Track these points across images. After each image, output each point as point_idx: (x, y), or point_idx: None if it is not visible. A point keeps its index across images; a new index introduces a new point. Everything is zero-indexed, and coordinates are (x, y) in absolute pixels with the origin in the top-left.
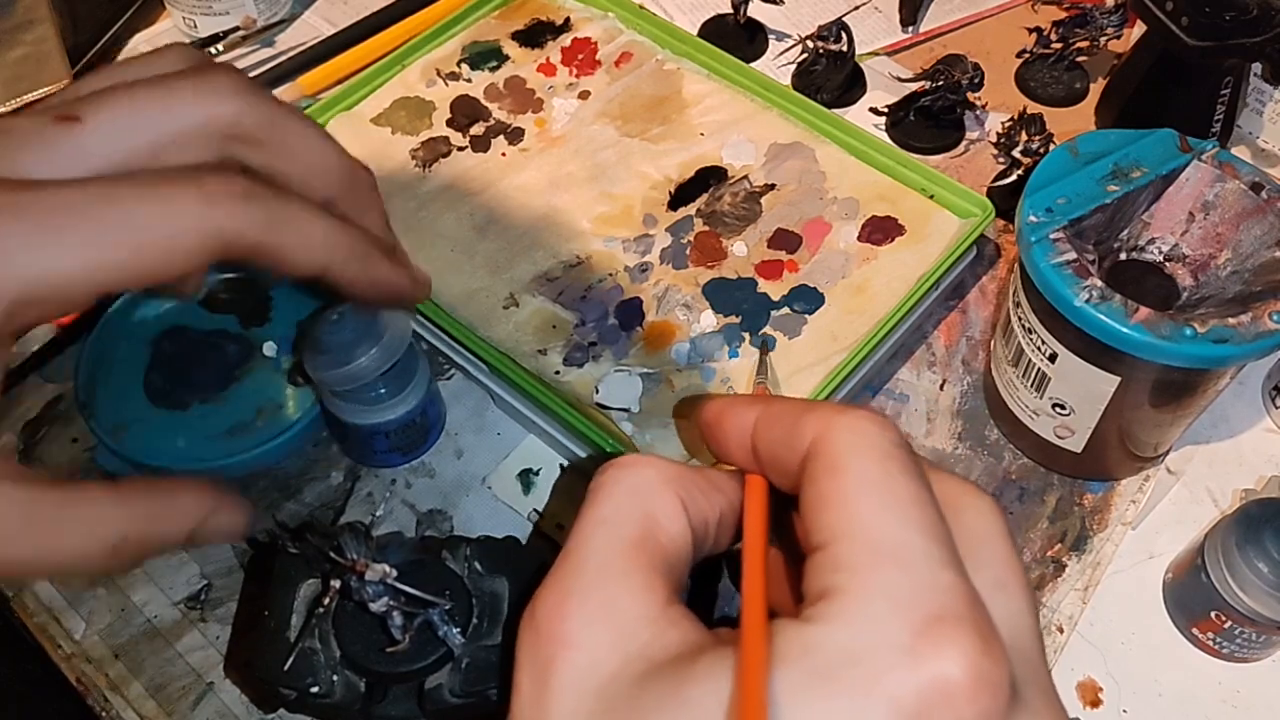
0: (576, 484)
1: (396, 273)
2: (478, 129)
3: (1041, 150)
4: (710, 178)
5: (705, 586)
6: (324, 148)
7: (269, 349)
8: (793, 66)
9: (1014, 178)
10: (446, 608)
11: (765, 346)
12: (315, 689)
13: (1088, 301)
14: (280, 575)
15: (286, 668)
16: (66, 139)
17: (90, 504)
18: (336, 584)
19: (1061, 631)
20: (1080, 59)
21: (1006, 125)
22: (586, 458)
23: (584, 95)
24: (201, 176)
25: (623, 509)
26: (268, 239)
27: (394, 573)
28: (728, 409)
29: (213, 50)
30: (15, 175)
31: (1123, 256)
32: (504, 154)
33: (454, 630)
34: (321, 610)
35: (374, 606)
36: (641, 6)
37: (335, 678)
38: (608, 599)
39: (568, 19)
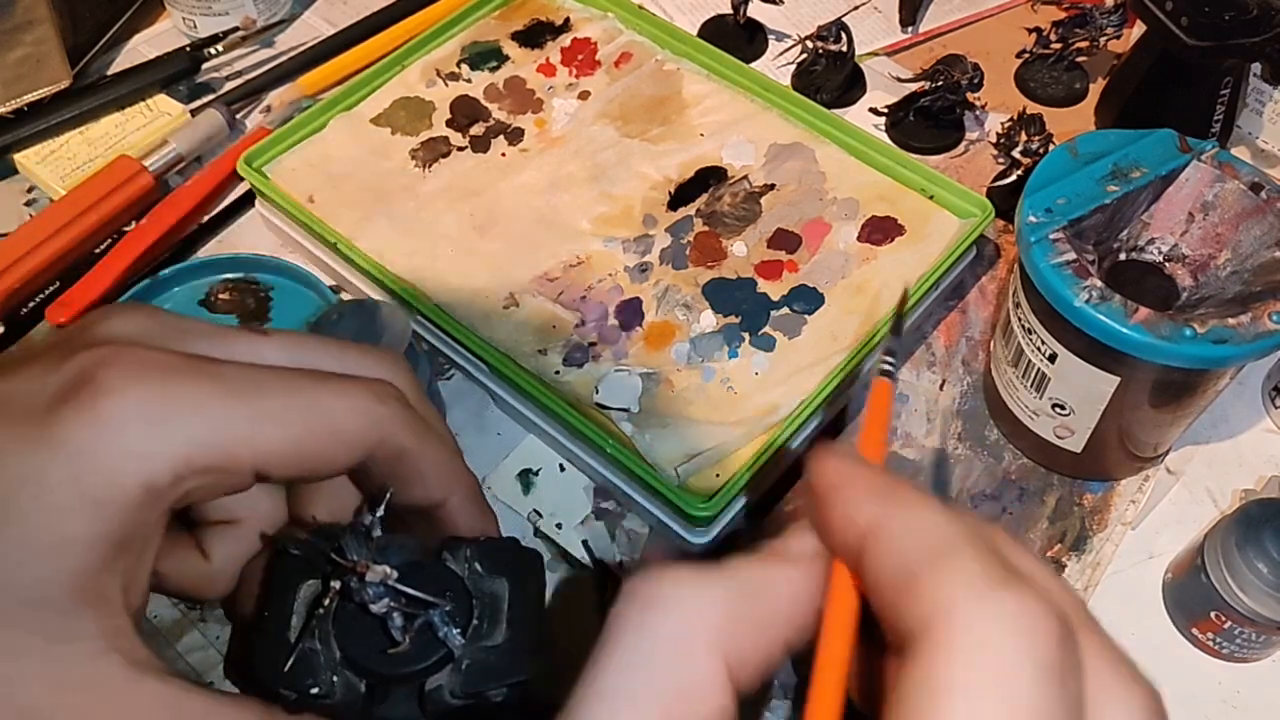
0: (576, 481)
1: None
2: (478, 129)
3: (1041, 150)
4: (710, 178)
5: None
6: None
7: None
8: (792, 67)
9: (1014, 178)
10: (447, 609)
11: (899, 316)
12: (315, 690)
13: (1087, 302)
14: (280, 575)
15: (286, 669)
16: (246, 342)
17: (241, 713)
18: (337, 585)
19: None
20: (1080, 59)
21: (1006, 125)
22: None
23: (584, 95)
24: (369, 379)
25: (642, 681)
26: (414, 448)
27: (395, 574)
28: (841, 489)
29: (212, 50)
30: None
31: (1122, 257)
32: (504, 154)
33: (454, 631)
34: (321, 611)
35: (375, 608)
36: (641, 7)
37: (335, 679)
38: None
39: (567, 19)
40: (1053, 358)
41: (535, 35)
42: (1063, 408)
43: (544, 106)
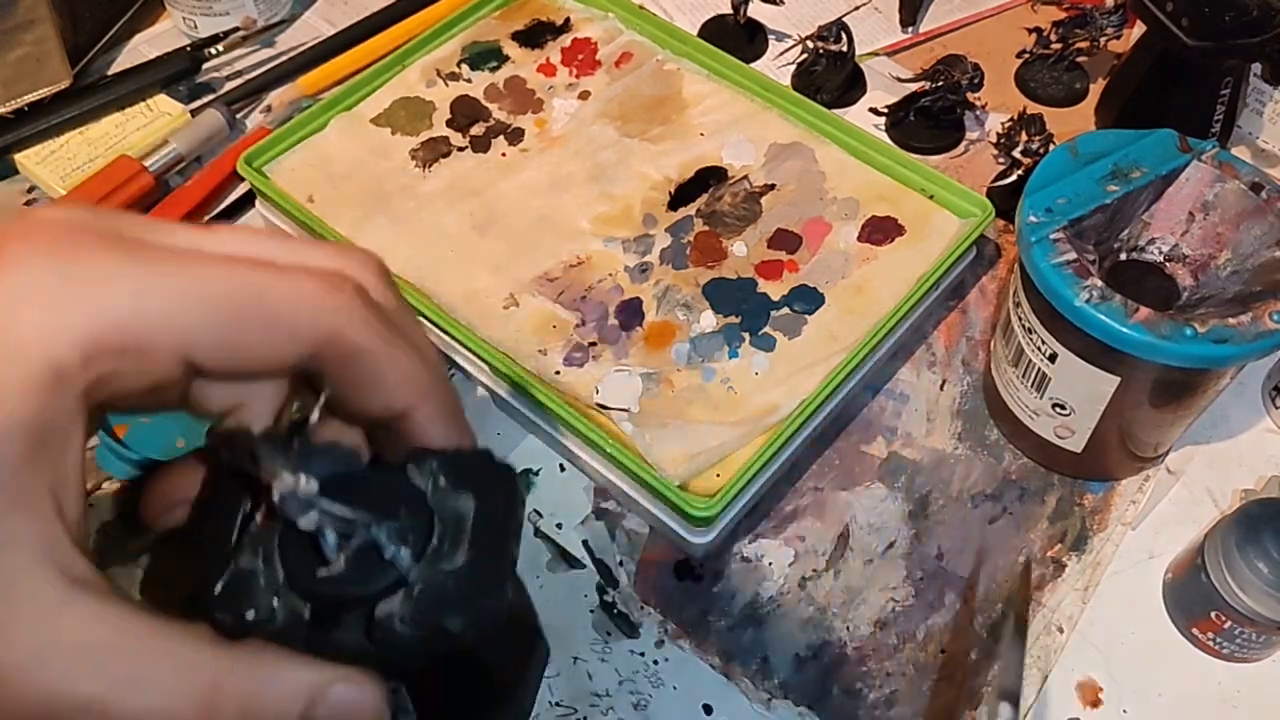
0: (576, 481)
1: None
2: (478, 129)
3: (1041, 150)
4: (710, 178)
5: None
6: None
7: None
8: (792, 67)
9: (1014, 178)
10: (395, 525)
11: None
12: (251, 615)
13: (1088, 301)
14: (217, 489)
15: (218, 591)
16: (187, 231)
17: (188, 640)
18: (269, 498)
19: (1061, 632)
20: (1080, 59)
21: (1006, 125)
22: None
23: (584, 95)
24: (326, 269)
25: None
26: (372, 349)
27: (314, 486)
28: None
29: (213, 50)
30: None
31: (1123, 257)
32: (504, 154)
33: (403, 551)
34: (255, 528)
35: (302, 523)
36: (641, 7)
37: (277, 602)
38: None
39: (568, 19)
40: (1053, 357)
41: (535, 35)
42: (1063, 408)
43: (544, 106)
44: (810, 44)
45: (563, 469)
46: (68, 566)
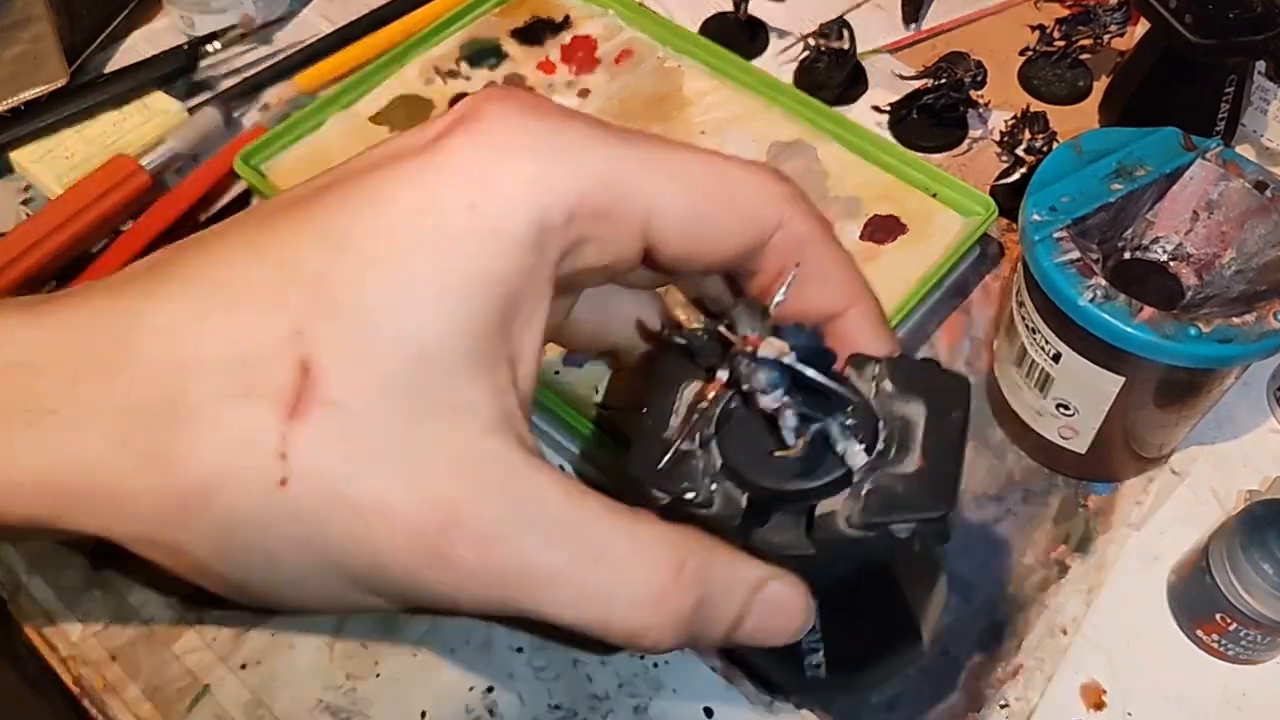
0: None
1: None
2: None
3: (1045, 148)
4: None
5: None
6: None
7: None
8: (794, 64)
9: (1017, 176)
10: (848, 421)
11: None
12: (691, 495)
13: (1092, 301)
14: (662, 371)
15: (660, 466)
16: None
17: (646, 520)
18: (724, 375)
19: (1065, 633)
20: (1083, 57)
21: (1009, 123)
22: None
23: (584, 93)
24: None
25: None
26: (819, 238)
27: (792, 352)
28: None
29: (210, 48)
30: None
31: (1127, 255)
32: None
33: (856, 446)
34: (705, 405)
35: (764, 401)
36: (642, 4)
37: (714, 487)
38: None
39: (567, 16)
40: (1057, 357)
41: (535, 32)
42: (1067, 408)
43: None
44: (812, 41)
45: (563, 469)
46: (522, 436)
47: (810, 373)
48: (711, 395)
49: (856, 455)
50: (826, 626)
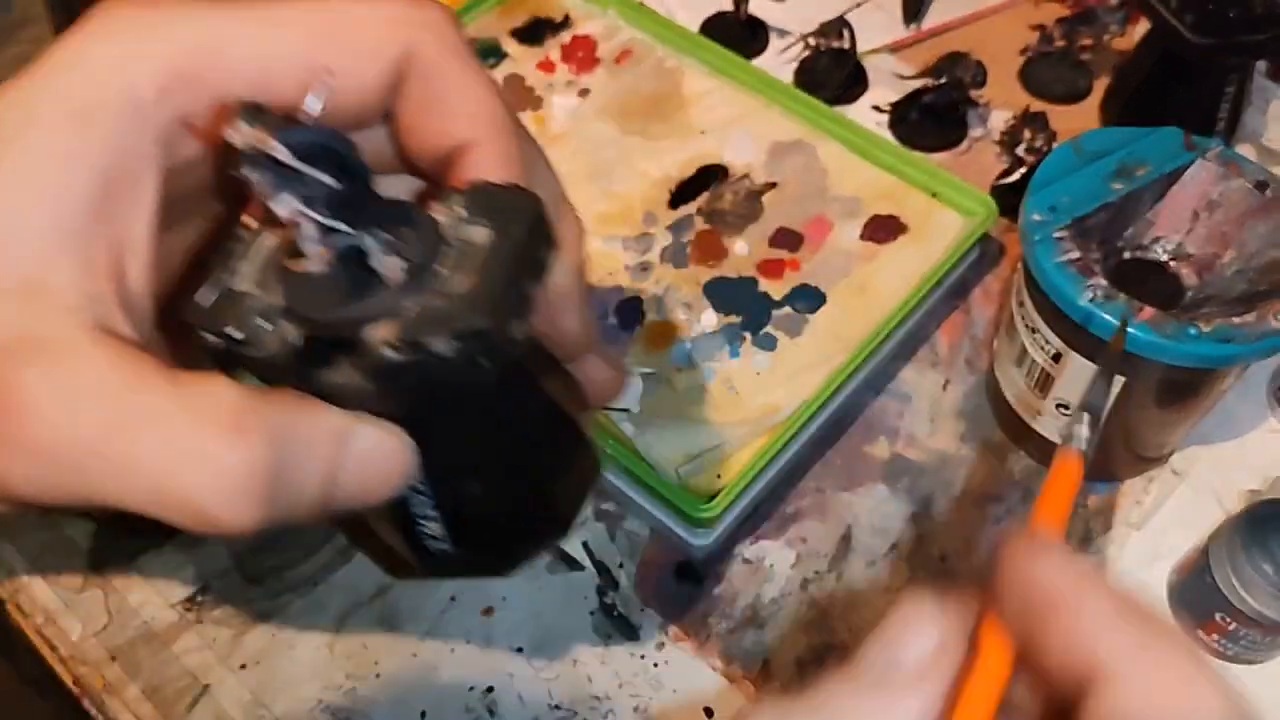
0: None
1: (568, 227)
2: None
3: (1045, 148)
4: (711, 176)
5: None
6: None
7: None
8: (794, 64)
9: (1017, 176)
10: (389, 239)
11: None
12: (237, 334)
13: (1092, 300)
14: (228, 192)
15: (205, 305)
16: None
17: (209, 382)
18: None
19: None
20: (1084, 56)
21: (1010, 123)
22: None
23: (584, 93)
24: None
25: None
26: (446, 69)
27: (282, 147)
28: (1069, 609)
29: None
30: None
31: (1127, 255)
32: None
33: (392, 261)
34: (240, 233)
35: (279, 210)
36: (642, 3)
37: (269, 327)
38: None
39: (567, 16)
40: (1057, 357)
41: (535, 32)
42: (1067, 408)
43: (544, 104)
44: (812, 41)
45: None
46: (106, 323)
47: (306, 169)
48: (249, 223)
49: (394, 270)
50: (440, 490)
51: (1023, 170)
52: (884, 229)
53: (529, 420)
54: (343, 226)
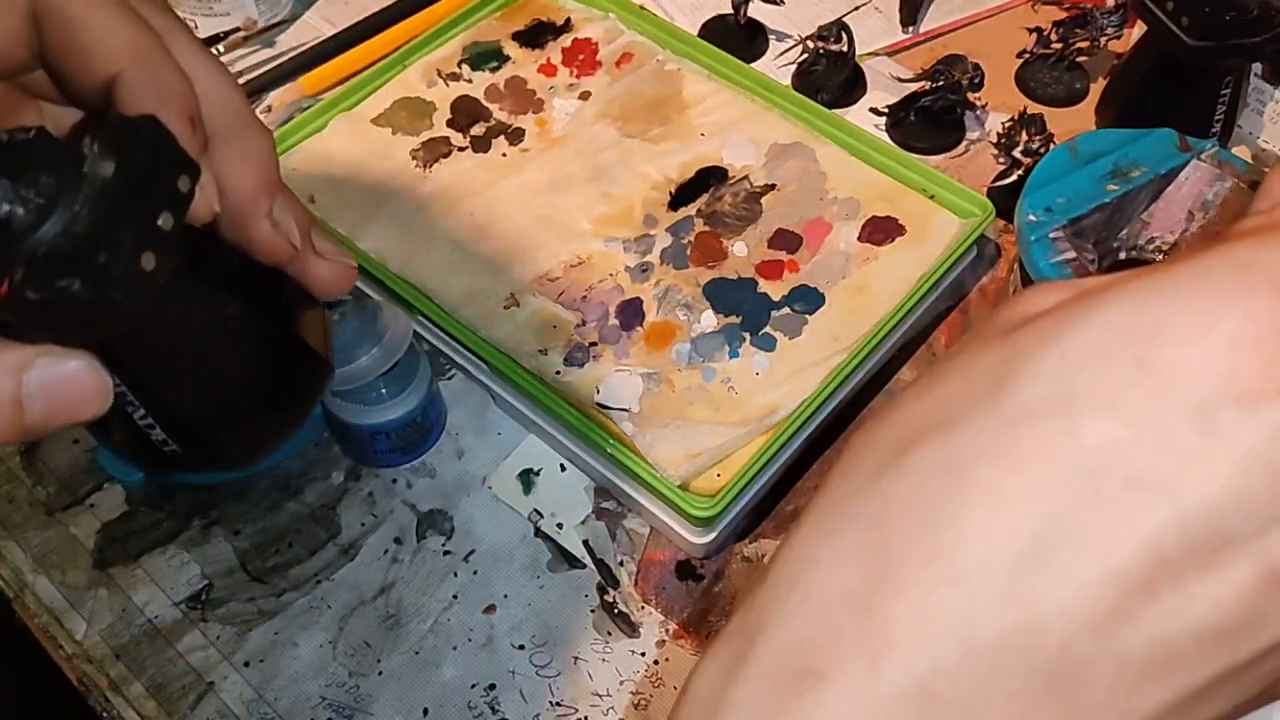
0: (577, 481)
1: (240, 173)
2: (478, 129)
3: (1041, 150)
4: (711, 178)
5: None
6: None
7: None
8: (793, 67)
9: (1014, 178)
10: (11, 184)
11: None
12: None
13: None
14: None
15: None
16: None
17: None
18: None
19: None
20: (1080, 59)
21: (1007, 125)
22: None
23: (584, 96)
24: None
25: None
26: (74, 7)
27: None
28: None
29: (213, 50)
30: None
31: (1122, 255)
32: (504, 154)
33: (17, 210)
34: None
35: None
36: (642, 7)
37: None
38: None
39: (568, 19)
40: None
41: (536, 35)
42: None
43: (545, 107)
44: (811, 44)
45: (563, 469)
46: None
47: None
48: None
49: (17, 218)
50: (148, 402)
51: (1019, 172)
52: (882, 230)
53: (216, 330)
54: None
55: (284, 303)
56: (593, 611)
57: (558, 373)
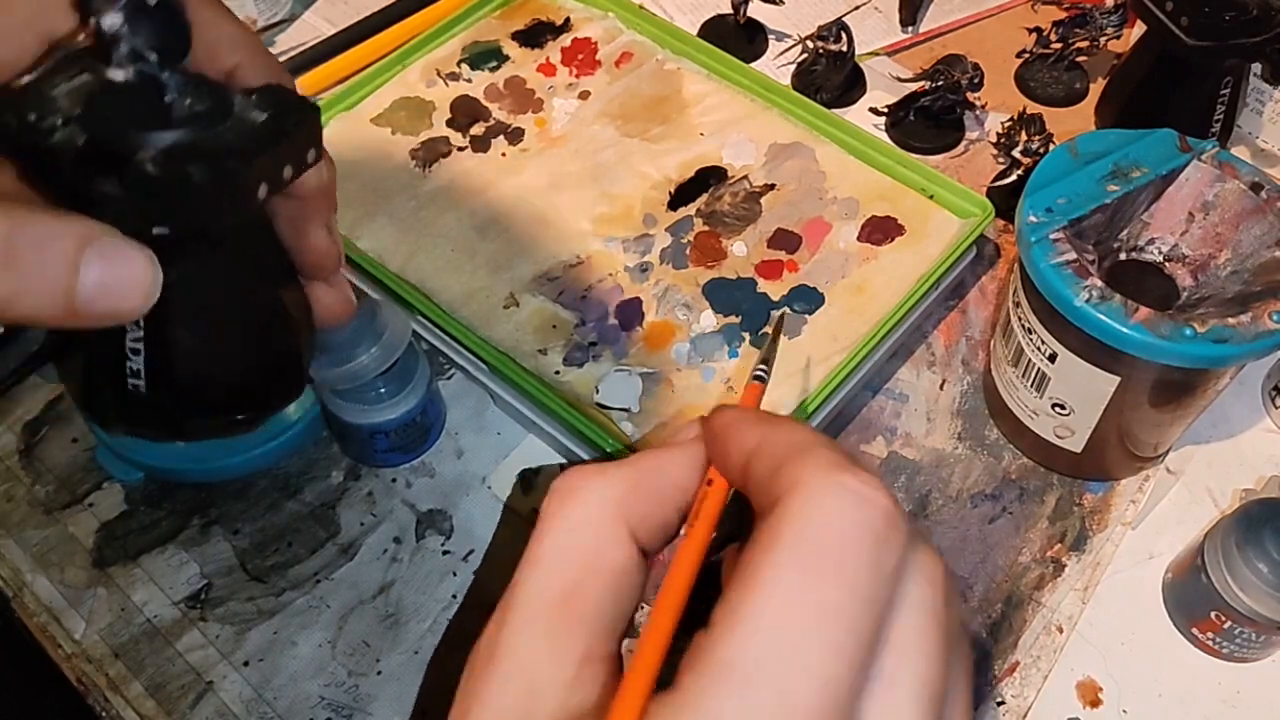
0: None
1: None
2: (478, 129)
3: (1041, 150)
4: (710, 178)
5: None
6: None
7: None
8: (793, 66)
9: (1014, 178)
10: (187, 81)
11: (780, 322)
12: (31, 119)
13: (1087, 301)
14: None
15: (15, 92)
16: None
17: None
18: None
19: (1061, 631)
20: (1080, 59)
21: (1006, 125)
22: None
23: (584, 95)
24: None
25: (560, 551)
26: (198, 9)
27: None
28: (734, 426)
29: None
30: None
31: (1122, 256)
32: (504, 154)
33: (184, 101)
34: (66, 59)
35: (105, 22)
36: (641, 6)
37: (60, 124)
38: (526, 661)
39: (568, 19)
40: (1053, 357)
41: (535, 35)
42: (1063, 407)
43: (544, 106)
44: (810, 44)
45: (563, 469)
46: None
47: (139, 27)
48: (76, 50)
49: (180, 107)
50: (152, 328)
51: (1019, 172)
52: (881, 230)
53: (247, 296)
54: (153, 57)
55: (292, 314)
56: None
57: (557, 372)
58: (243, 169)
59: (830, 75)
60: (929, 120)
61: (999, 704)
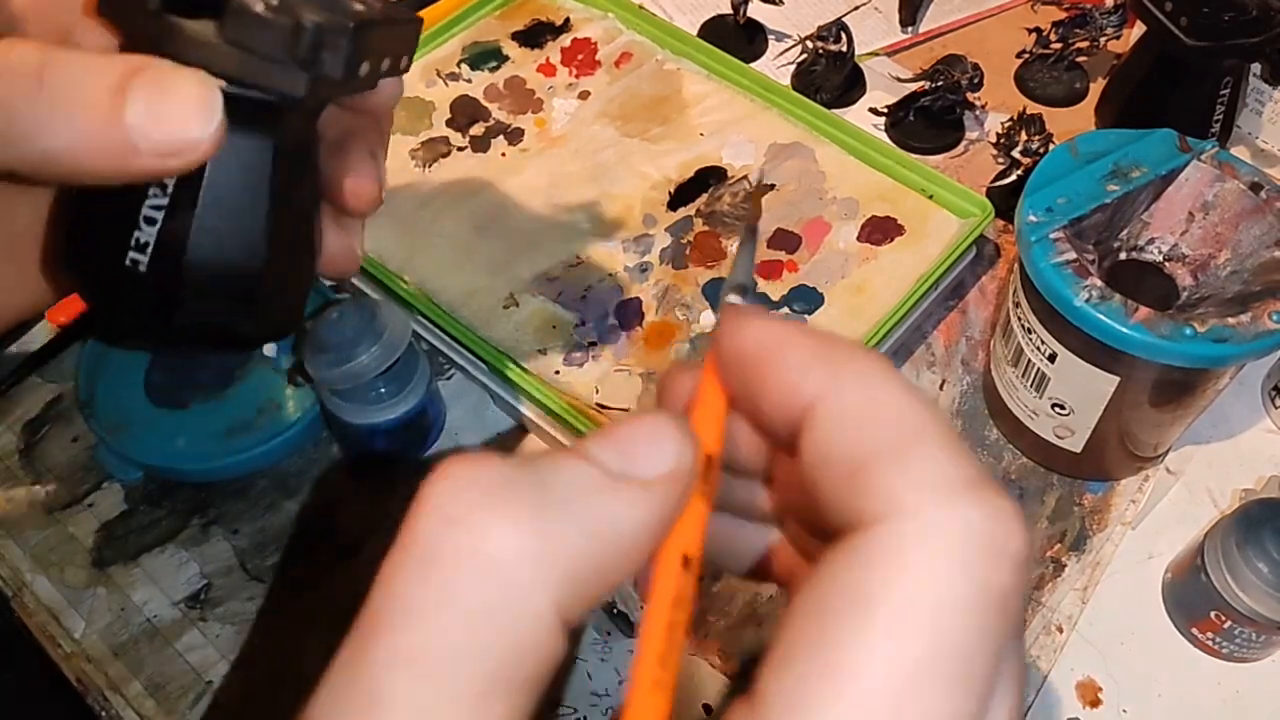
0: None
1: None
2: (478, 129)
3: (1041, 150)
4: (710, 178)
5: None
6: None
7: (269, 349)
8: (792, 67)
9: (1014, 178)
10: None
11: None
12: None
13: (1087, 301)
14: None
15: None
16: None
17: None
18: None
19: (1061, 631)
20: (1080, 59)
21: (1006, 125)
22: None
23: (584, 95)
24: None
25: (463, 645)
26: None
27: None
28: (782, 350)
29: None
30: None
31: (1122, 256)
32: (504, 154)
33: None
34: None
35: None
36: (641, 7)
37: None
38: None
39: (568, 19)
40: (1053, 357)
41: (535, 35)
42: (1062, 407)
43: (544, 106)
44: (810, 44)
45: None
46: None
47: None
48: None
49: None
50: (177, 200)
51: (1019, 172)
52: (881, 230)
53: (282, 200)
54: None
55: (312, 243)
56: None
57: (557, 373)
58: (354, 30)
59: (830, 75)
60: (929, 120)
61: None
